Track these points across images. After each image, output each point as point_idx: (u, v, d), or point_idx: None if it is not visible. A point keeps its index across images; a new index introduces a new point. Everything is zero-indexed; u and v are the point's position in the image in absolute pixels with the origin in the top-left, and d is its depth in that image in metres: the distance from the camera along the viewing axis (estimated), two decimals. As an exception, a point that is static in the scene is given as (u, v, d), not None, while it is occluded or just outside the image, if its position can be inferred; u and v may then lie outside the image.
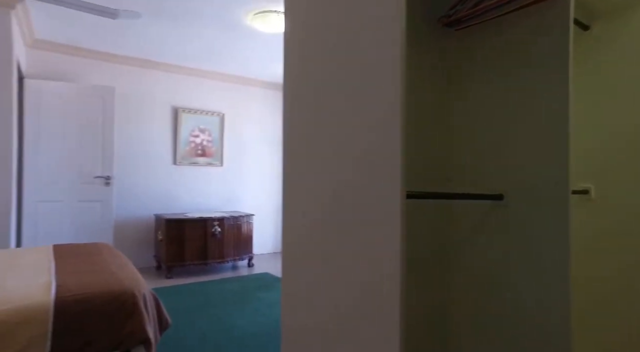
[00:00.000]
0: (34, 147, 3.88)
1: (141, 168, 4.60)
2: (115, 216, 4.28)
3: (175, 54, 4.38)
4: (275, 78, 5.31)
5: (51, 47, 4.06)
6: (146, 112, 4.63)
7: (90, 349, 1.59)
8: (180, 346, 2.45)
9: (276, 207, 5.64)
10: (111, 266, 2.12)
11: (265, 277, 4.26)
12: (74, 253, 2.45)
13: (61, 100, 3.98)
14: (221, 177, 5.15)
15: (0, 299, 1.53)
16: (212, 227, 4.34)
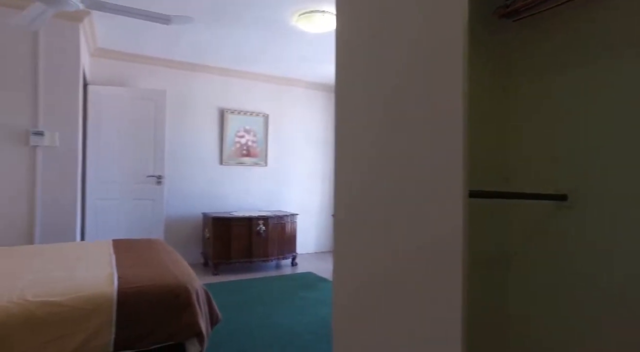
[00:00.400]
0: (95, 149, 4.14)
1: (189, 168, 4.78)
2: (166, 214, 4.47)
3: (222, 57, 4.51)
4: (319, 78, 5.34)
5: (110, 54, 4.31)
6: (194, 114, 4.81)
7: (149, 339, 1.66)
8: (229, 341, 2.51)
9: (319, 207, 5.67)
10: (165, 261, 2.22)
11: (308, 276, 4.29)
12: (130, 248, 2.59)
13: (118, 104, 4.22)
14: (265, 176, 5.25)
15: (73, 288, 1.64)
16: (257, 226, 4.43)
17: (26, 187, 3.17)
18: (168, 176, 4.55)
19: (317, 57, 4.43)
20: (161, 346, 1.71)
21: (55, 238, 3.25)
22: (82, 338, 1.52)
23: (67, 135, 3.33)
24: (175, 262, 2.22)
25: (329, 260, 5.09)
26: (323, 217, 5.70)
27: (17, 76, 3.14)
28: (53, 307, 1.51)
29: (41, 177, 3.21)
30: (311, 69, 4.94)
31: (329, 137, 5.76)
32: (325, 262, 5.00)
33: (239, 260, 4.37)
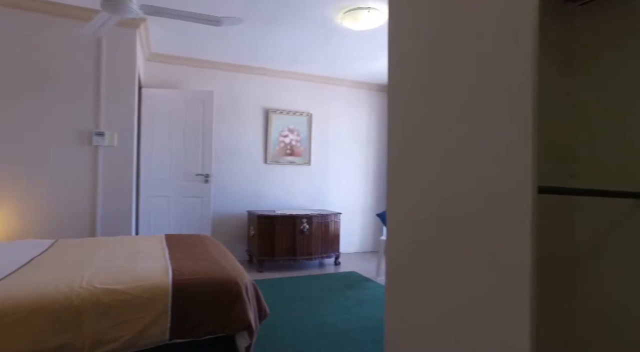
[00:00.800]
0: (148, 148, 4.35)
1: (235, 167, 4.91)
2: (212, 211, 4.62)
3: (267, 57, 4.60)
4: (363, 76, 5.30)
5: (163, 58, 4.52)
6: (240, 114, 4.93)
7: (201, 330, 1.72)
8: (275, 336, 2.55)
9: (363, 206, 5.63)
10: (215, 255, 2.28)
11: (352, 276, 4.27)
12: (182, 242, 2.69)
13: (169, 105, 4.42)
14: (309, 176, 5.29)
15: (133, 278, 1.73)
16: (301, 225, 4.46)
17: (89, 184, 3.39)
18: (215, 174, 4.70)
19: (362, 55, 4.40)
20: (213, 337, 1.76)
21: (114, 231, 3.45)
22: (142, 325, 1.59)
23: (124, 136, 3.52)
24: (225, 257, 2.28)
25: (372, 260, 5.04)
26: (366, 217, 5.65)
27: (83, 82, 3.37)
28: (117, 294, 1.60)
29: (102, 175, 3.42)
30: (355, 68, 4.92)
31: (373, 136, 5.71)
32: (369, 262, 4.96)
33: (283, 258, 4.43)
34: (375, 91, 5.71)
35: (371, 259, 5.10)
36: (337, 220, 4.80)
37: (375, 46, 4.08)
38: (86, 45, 3.38)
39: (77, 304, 1.54)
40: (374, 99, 5.71)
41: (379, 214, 4.34)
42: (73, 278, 1.71)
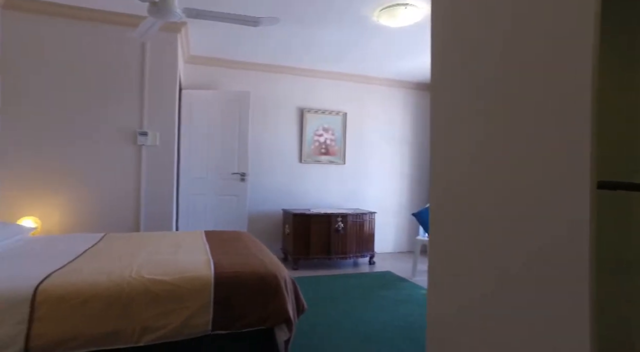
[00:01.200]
0: (187, 148, 4.50)
1: (270, 166, 4.99)
2: (248, 209, 4.71)
3: (302, 57, 4.64)
4: (398, 74, 5.25)
5: (201, 61, 4.67)
6: (275, 114, 5.00)
7: (242, 322, 1.76)
8: (311, 332, 2.57)
9: (398, 206, 5.57)
10: (254, 250, 2.33)
11: (387, 275, 4.23)
12: (221, 238, 2.76)
13: (207, 106, 4.55)
14: (343, 175, 5.29)
15: (177, 269, 1.80)
16: (336, 223, 4.47)
17: (134, 182, 3.56)
18: (251, 173, 4.79)
19: (398, 52, 4.36)
20: (253, 329, 1.79)
21: (156, 226, 3.60)
22: (187, 314, 1.65)
23: (166, 136, 3.67)
24: (263, 252, 2.32)
25: (407, 260, 4.97)
26: (402, 217, 5.59)
27: (128, 85, 3.54)
28: (163, 284, 1.67)
29: (145, 173, 3.58)
30: (390, 65, 4.88)
31: (408, 134, 5.63)
32: (404, 262, 4.89)
33: (317, 256, 4.45)
34: (410, 89, 5.64)
35: (406, 260, 5.03)
36: (372, 219, 4.77)
37: (411, 43, 4.03)
38: (132, 50, 3.54)
39: (128, 292, 1.62)
40: (409, 97, 5.63)
41: (416, 214, 4.28)
42: (123, 268, 1.80)
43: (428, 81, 5.49)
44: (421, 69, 4.96)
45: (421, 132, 5.69)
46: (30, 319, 1.46)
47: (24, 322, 1.45)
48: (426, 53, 4.30)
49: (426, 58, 4.48)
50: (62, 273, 1.70)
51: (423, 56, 4.42)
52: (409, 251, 5.57)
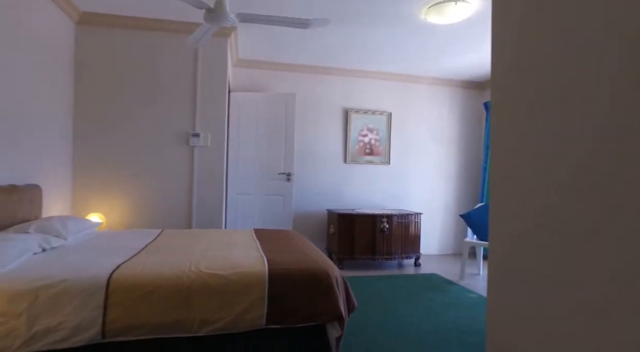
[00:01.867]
0: (235, 148, 4.65)
1: (315, 166, 5.04)
2: (294, 209, 4.79)
3: (346, 58, 4.66)
4: (444, 73, 5.13)
5: (248, 64, 4.81)
6: (320, 115, 5.05)
7: (294, 317, 1.80)
8: (361, 333, 2.57)
9: (444, 207, 5.44)
10: (304, 248, 2.37)
11: (433, 278, 4.14)
12: (270, 236, 2.83)
13: (254, 108, 4.67)
14: (388, 175, 5.25)
15: (232, 265, 1.88)
16: (381, 224, 4.44)
17: (186, 181, 3.73)
18: (296, 173, 4.87)
19: (445, 51, 4.27)
20: (305, 325, 1.83)
21: (206, 224, 3.75)
22: (242, 308, 1.71)
23: (216, 137, 3.81)
24: (313, 250, 2.35)
25: (453, 263, 4.84)
26: (448, 218, 5.45)
27: (182, 88, 3.72)
28: (220, 278, 1.74)
29: (197, 173, 3.74)
30: (436, 64, 4.78)
31: (454, 134, 5.49)
32: (450, 265, 4.77)
33: (362, 256, 4.44)
34: (457, 87, 5.49)
35: (452, 262, 4.90)
36: (417, 220, 4.69)
37: (459, 40, 3.93)
38: (185, 56, 3.72)
39: (188, 285, 1.70)
40: (455, 96, 5.49)
41: (464, 215, 4.16)
42: (182, 262, 1.89)
43: (475, 79, 5.36)
44: (468, 67, 4.82)
45: (468, 132, 5.52)
46: (105, 305, 1.58)
47: (100, 308, 1.57)
48: (474, 50, 4.17)
49: (474, 55, 4.36)
50: (129, 265, 1.82)
51: (470, 53, 4.30)
52: (455, 254, 5.42)
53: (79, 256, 1.99)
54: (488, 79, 5.32)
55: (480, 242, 3.98)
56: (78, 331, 1.56)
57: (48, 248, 2.14)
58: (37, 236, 2.14)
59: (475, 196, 5.50)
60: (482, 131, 5.53)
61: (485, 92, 5.51)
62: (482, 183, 5.17)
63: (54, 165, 3.25)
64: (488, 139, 5.14)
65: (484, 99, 5.47)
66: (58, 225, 2.40)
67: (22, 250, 1.88)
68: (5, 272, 1.68)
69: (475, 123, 5.56)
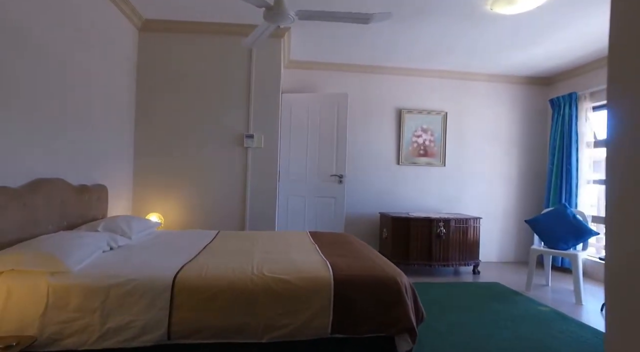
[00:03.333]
0: (287, 150, 4.64)
1: (367, 168, 4.91)
2: (345, 211, 4.69)
3: (400, 56, 4.50)
4: (504, 69, 4.82)
5: (300, 65, 4.78)
6: (372, 115, 4.92)
7: (361, 327, 1.69)
8: (425, 345, 2.41)
9: (503, 212, 5.11)
10: (366, 253, 2.26)
11: (495, 287, 3.87)
12: (327, 239, 2.75)
13: (305, 109, 4.63)
14: (443, 177, 5.01)
15: (295, 269, 1.81)
16: (437, 228, 4.23)
17: (241, 182, 3.74)
18: (348, 175, 4.77)
19: (507, 44, 4.00)
20: (372, 336, 1.72)
21: (259, 225, 3.74)
22: (307, 316, 1.63)
23: (269, 138, 3.80)
24: (376, 255, 2.24)
25: (516, 272, 4.52)
26: (508, 223, 5.12)
27: (237, 90, 3.75)
28: (284, 283, 1.68)
29: (251, 174, 3.75)
30: (495, 60, 4.50)
31: (515, 134, 5.15)
32: (513, 273, 4.46)
33: (417, 262, 4.25)
34: (518, 84, 5.15)
35: (514, 271, 4.58)
36: (476, 225, 4.43)
37: (526, 32, 3.66)
38: (240, 58, 3.75)
39: (252, 288, 1.65)
40: (516, 93, 5.15)
41: (530, 221, 3.86)
42: (245, 265, 1.85)
43: (540, 74, 4.99)
44: (533, 61, 4.49)
45: (531, 131, 5.16)
46: (171, 306, 1.57)
47: (166, 309, 1.56)
48: (542, 42, 3.87)
49: (540, 48, 4.05)
50: (192, 266, 1.80)
51: (536, 46, 4.00)
52: (517, 262, 5.07)
53: (144, 256, 2.01)
54: (555, 74, 4.94)
55: (549, 250, 3.67)
56: (146, 330, 1.55)
57: (115, 247, 2.19)
58: (105, 234, 2.20)
59: (540, 200, 5.12)
60: (547, 130, 5.15)
61: (551, 88, 5.12)
62: (548, 186, 4.80)
63: (117, 166, 3.37)
64: (554, 138, 4.76)
65: (549, 95, 5.08)
66: (123, 224, 2.46)
67: (94, 248, 1.93)
68: (81, 268, 1.71)
69: (538, 122, 5.18)
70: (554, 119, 4.83)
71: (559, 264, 4.55)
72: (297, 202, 4.62)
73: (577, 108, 4.52)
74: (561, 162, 4.62)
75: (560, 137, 4.65)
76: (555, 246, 3.63)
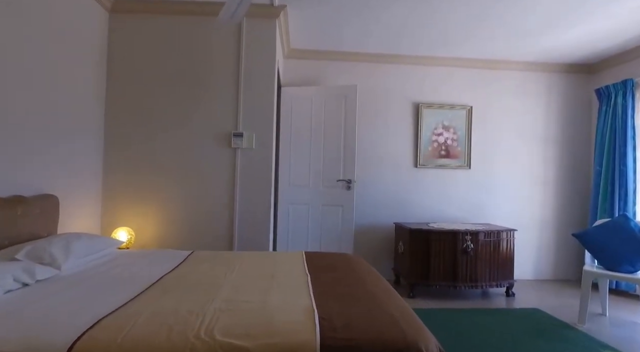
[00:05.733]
0: (287, 151, 4.04)
1: (380, 171, 4.27)
2: (355, 222, 4.06)
3: (417, 43, 3.87)
4: (539, 56, 4.12)
5: (303, 54, 4.18)
6: (386, 111, 4.28)
7: None
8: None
9: (540, 221, 4.39)
10: (373, 290, 1.63)
11: (536, 315, 3.17)
12: (326, 265, 2.12)
13: (309, 104, 4.02)
14: (468, 182, 4.33)
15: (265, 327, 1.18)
16: (464, 243, 3.55)
17: (228, 189, 3.15)
18: (358, 180, 4.14)
19: (542, 25, 3.33)
20: None
21: (251, 239, 3.14)
22: None
23: (263, 137, 3.20)
24: (387, 294, 1.60)
25: (558, 293, 3.81)
26: (547, 235, 4.40)
27: (224, 81, 3.16)
28: (239, 356, 1.06)
29: (240, 180, 3.15)
30: (529, 45, 3.83)
31: (553, 131, 4.43)
32: (554, 296, 3.74)
33: (439, 283, 3.57)
34: (556, 73, 4.44)
35: (557, 292, 3.86)
36: (510, 238, 3.73)
37: (570, 8, 2.98)
38: (227, 43, 3.16)
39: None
40: (554, 83, 4.44)
41: (580, 234, 3.15)
42: (190, 319, 1.24)
43: (584, 60, 4.21)
44: (574, 45, 3.80)
45: (572, 127, 4.43)
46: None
47: None
48: (589, 19, 3.18)
49: (584, 28, 3.36)
50: (110, 323, 1.20)
51: (581, 25, 3.30)
52: (558, 280, 4.34)
53: (54, 300, 1.42)
54: (602, 59, 4.20)
55: (610, 273, 2.94)
56: None
57: (31, 282, 1.61)
58: (17, 265, 1.61)
59: (584, 209, 4.38)
60: (592, 126, 4.41)
61: (596, 76, 4.38)
62: (595, 192, 4.06)
63: (80, 173, 2.82)
64: (602, 135, 4.03)
65: (595, 84, 4.34)
66: (57, 248, 1.88)
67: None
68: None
69: (581, 116, 4.45)
70: (601, 112, 4.09)
71: (613, 285, 3.80)
72: (299, 211, 4.01)
73: (633, 98, 3.78)
74: (612, 163, 3.88)
75: (611, 133, 3.92)
76: (617, 267, 2.91)
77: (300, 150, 4.03)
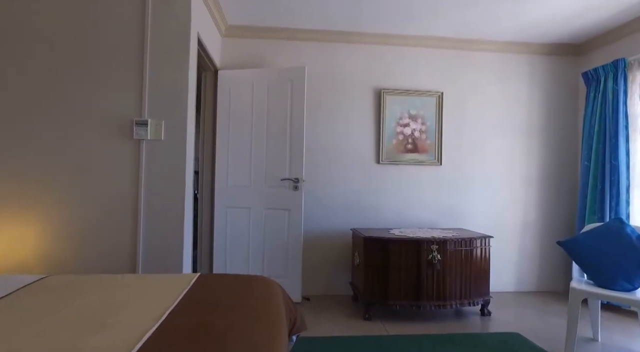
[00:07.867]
0: (224, 146, 3.43)
1: (336, 169, 3.65)
2: (304, 228, 3.45)
3: (376, 17, 3.27)
4: (519, 34, 3.55)
5: (242, 32, 3.56)
6: (341, 98, 3.67)
7: None
8: None
9: (522, 226, 3.83)
10: (254, 339, 1.00)
11: (517, 342, 2.58)
12: (211, 301, 1.50)
13: (249, 90, 3.42)
14: (439, 180, 3.74)
15: None
16: (429, 253, 2.95)
17: (129, 191, 2.49)
18: (307, 178, 3.53)
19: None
20: None
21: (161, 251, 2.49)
22: None
23: (173, 126, 2.54)
24: None
25: (541, 311, 3.23)
26: (530, 240, 3.84)
27: (122, 52, 2.50)
28: None
29: (145, 181, 2.50)
30: (510, 21, 3.27)
31: (537, 122, 3.87)
32: (537, 313, 3.17)
33: (400, 302, 2.97)
34: (538, 55, 3.88)
35: (538, 307, 3.29)
36: (485, 247, 3.14)
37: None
38: (126, 9, 2.51)
39: None
40: (536, 66, 3.88)
41: (565, 242, 2.57)
42: None
43: (569, 40, 3.52)
44: (559, 21, 3.24)
45: (558, 116, 3.88)
46: None
47: None
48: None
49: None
50: None
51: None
52: (538, 291, 3.79)
53: None
54: (590, 37, 3.64)
55: (603, 292, 2.35)
56: None
57: None
58: None
59: (571, 210, 3.82)
60: (579, 115, 3.86)
61: (584, 58, 3.83)
62: (583, 190, 3.50)
63: None
64: (591, 125, 3.48)
65: (583, 67, 3.79)
66: None
67: None
68: None
69: (567, 104, 3.90)
70: (589, 98, 3.54)
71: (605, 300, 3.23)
72: (238, 216, 3.41)
73: (625, 81, 3.23)
74: (602, 158, 3.32)
75: (601, 122, 3.36)
76: (611, 283, 2.33)
77: (240, 145, 3.42)
